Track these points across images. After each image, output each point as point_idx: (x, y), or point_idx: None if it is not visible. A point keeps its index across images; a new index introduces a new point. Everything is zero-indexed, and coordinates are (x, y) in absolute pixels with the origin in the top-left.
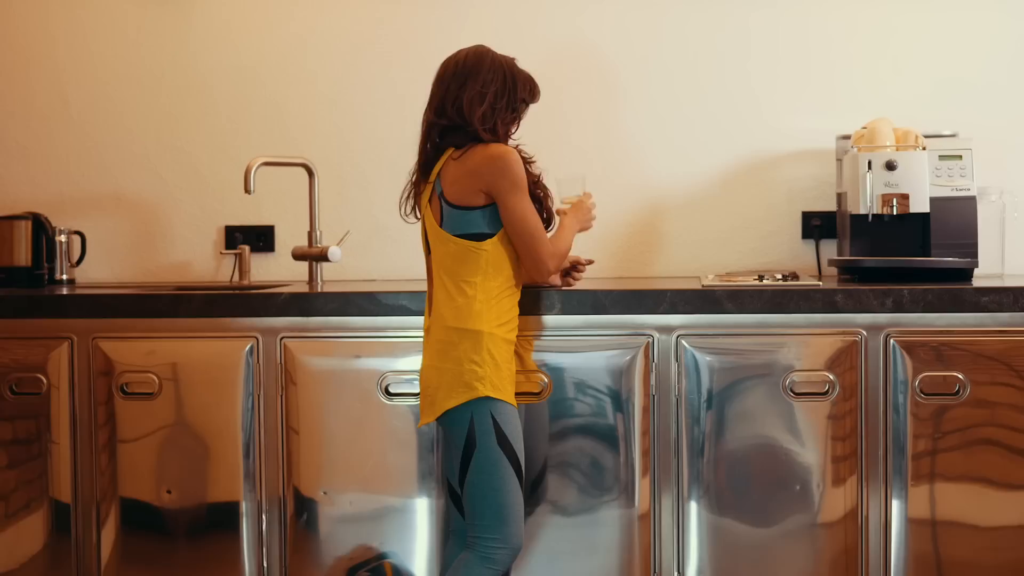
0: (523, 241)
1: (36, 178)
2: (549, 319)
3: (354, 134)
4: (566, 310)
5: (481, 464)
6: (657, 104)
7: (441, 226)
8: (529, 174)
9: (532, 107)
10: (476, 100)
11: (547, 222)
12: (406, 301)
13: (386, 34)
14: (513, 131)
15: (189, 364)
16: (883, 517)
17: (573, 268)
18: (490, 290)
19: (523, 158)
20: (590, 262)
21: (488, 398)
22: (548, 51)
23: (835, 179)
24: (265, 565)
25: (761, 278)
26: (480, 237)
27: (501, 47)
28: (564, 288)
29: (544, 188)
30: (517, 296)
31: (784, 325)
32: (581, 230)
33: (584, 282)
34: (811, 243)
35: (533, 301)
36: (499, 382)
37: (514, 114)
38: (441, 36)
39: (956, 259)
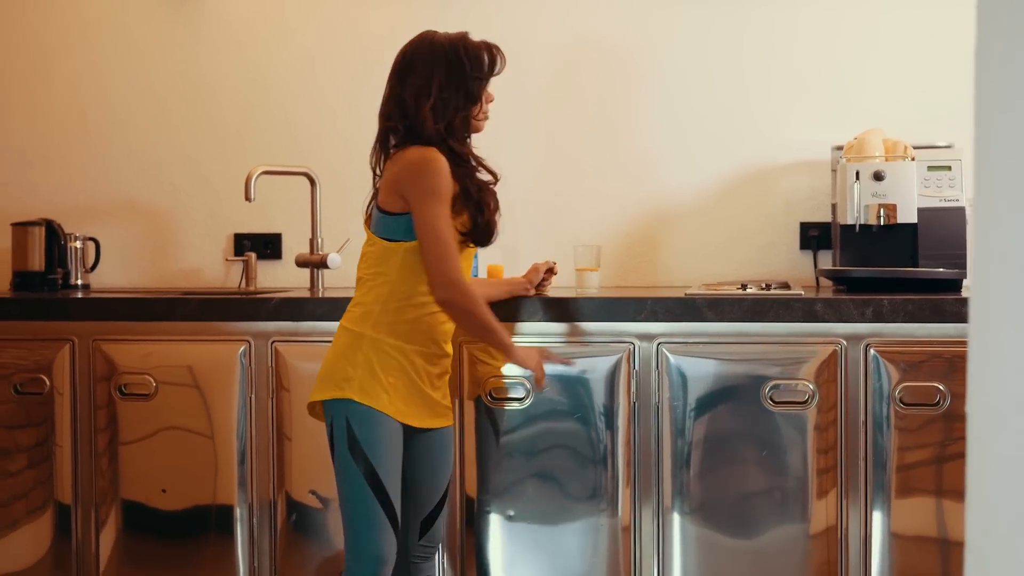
0: (426, 252)
1: (54, 186)
2: (530, 326)
3: (359, 145)
4: (547, 317)
5: (336, 470)
6: (656, 116)
7: (371, 227)
8: (470, 180)
9: (535, 121)
10: (422, 95)
11: (485, 233)
12: None
13: (391, 49)
14: (479, 116)
15: (185, 367)
16: (863, 525)
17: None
18: (395, 295)
19: (471, 163)
20: (551, 270)
21: (350, 401)
22: (546, 62)
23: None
24: (256, 566)
25: (744, 287)
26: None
27: (507, 55)
28: (536, 295)
29: (488, 198)
30: (430, 312)
31: (765, 334)
32: (527, 292)
33: (572, 290)
34: (809, 254)
35: (514, 308)
36: (371, 388)
37: (469, 98)
38: None
39: (944, 270)
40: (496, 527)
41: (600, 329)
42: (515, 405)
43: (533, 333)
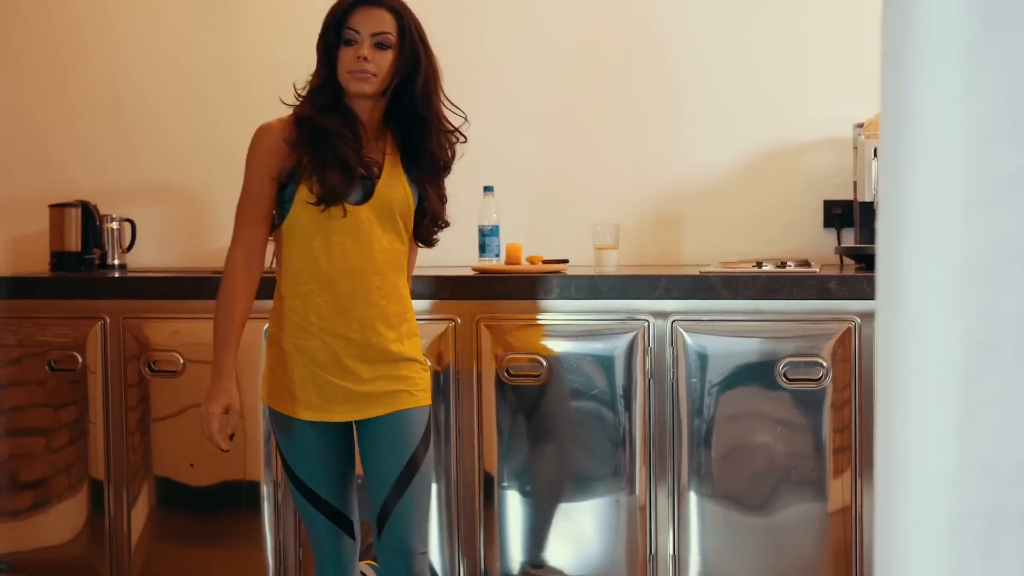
0: None
1: (91, 168)
2: (546, 303)
3: None
4: (563, 295)
5: None
6: (679, 93)
7: None
8: (315, 143)
9: (555, 97)
10: None
11: (328, 192)
12: (412, 285)
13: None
14: (342, 75)
15: (211, 344)
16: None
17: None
18: (280, 287)
19: (316, 124)
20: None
21: (267, 405)
22: (567, 36)
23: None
24: (281, 539)
25: (760, 265)
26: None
27: (527, 29)
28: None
29: (334, 151)
30: (310, 292)
31: (779, 311)
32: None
33: (588, 268)
34: (833, 232)
35: (530, 286)
36: (273, 390)
37: (318, 65)
38: (464, 29)
39: None
40: (513, 503)
41: (615, 307)
42: (532, 382)
43: (550, 311)
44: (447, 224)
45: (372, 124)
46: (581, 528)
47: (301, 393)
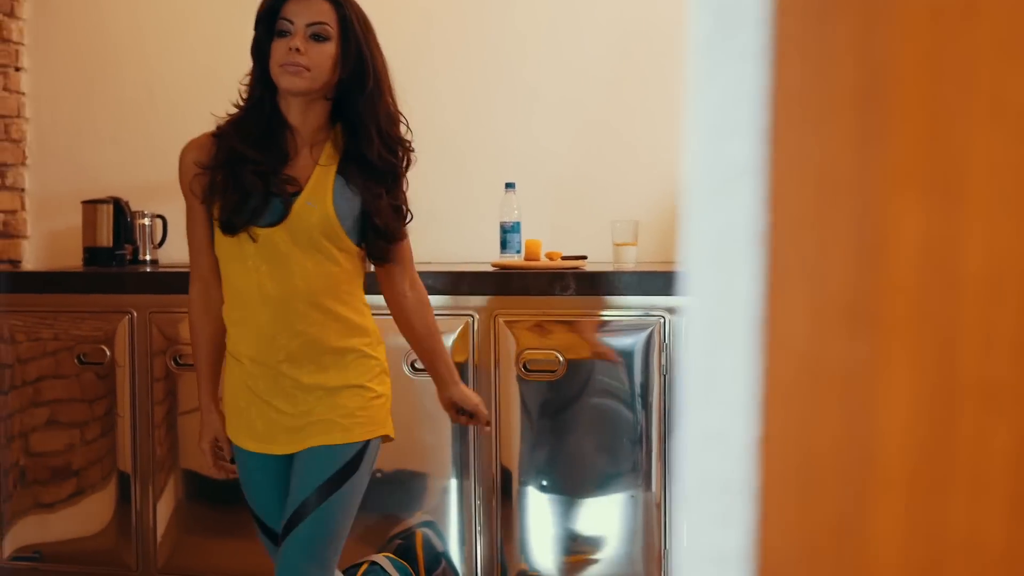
0: None
1: (124, 165)
2: (563, 299)
3: (417, 129)
4: (580, 291)
5: None
6: None
7: None
8: (223, 165)
9: (583, 95)
10: None
11: (224, 222)
12: (431, 281)
13: (438, 25)
14: (274, 71)
15: None
16: None
17: (468, 415)
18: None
19: (233, 141)
20: (488, 423)
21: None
22: (598, 34)
23: None
24: None
25: None
26: None
27: (552, 25)
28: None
29: (236, 176)
30: (237, 321)
31: None
32: (447, 393)
33: (607, 264)
34: None
35: (547, 281)
36: (227, 414)
37: (255, 52)
38: (488, 24)
39: None
40: (531, 498)
41: (631, 303)
42: (549, 377)
43: (567, 307)
44: (403, 238)
45: (308, 129)
46: (597, 523)
47: (247, 422)
